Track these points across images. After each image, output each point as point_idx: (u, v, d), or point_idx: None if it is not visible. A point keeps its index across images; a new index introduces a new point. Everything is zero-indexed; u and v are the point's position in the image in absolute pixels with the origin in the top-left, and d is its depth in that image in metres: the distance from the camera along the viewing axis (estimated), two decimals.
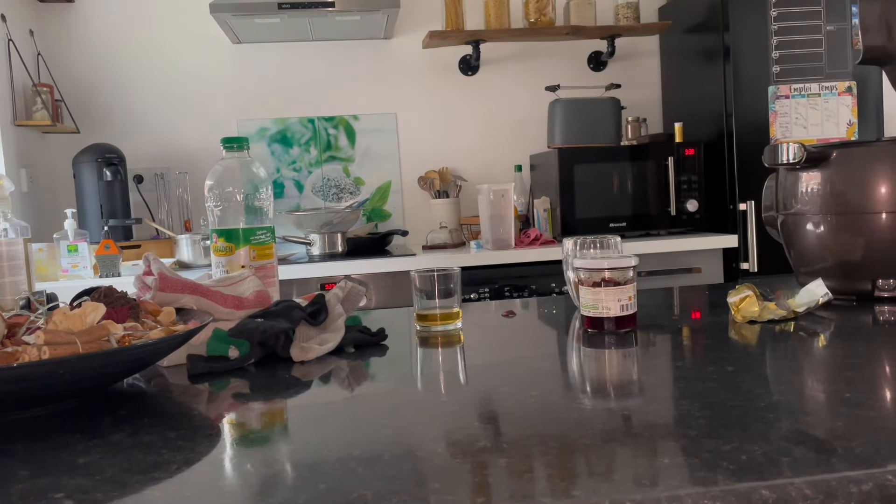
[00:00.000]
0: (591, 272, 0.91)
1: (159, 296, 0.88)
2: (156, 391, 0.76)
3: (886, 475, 0.45)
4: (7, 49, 2.57)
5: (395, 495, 0.45)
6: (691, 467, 0.47)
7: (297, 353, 0.86)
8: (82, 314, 0.71)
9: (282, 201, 2.99)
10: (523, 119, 3.16)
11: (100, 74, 2.92)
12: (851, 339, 0.83)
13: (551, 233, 2.69)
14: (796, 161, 1.07)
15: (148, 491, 0.48)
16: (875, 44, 1.13)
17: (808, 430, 0.53)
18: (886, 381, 0.65)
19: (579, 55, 3.19)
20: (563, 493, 0.44)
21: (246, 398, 0.72)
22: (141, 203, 2.91)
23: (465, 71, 3.12)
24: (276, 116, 3.02)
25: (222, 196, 1.08)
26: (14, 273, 1.33)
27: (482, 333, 0.99)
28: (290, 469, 0.51)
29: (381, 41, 3.07)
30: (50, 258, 2.34)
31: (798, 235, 1.12)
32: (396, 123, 3.09)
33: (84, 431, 0.62)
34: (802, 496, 0.44)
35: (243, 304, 0.93)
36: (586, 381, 0.71)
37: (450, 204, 2.89)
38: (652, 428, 0.55)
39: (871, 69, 2.65)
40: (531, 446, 0.53)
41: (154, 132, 2.96)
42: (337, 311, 0.95)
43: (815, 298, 0.98)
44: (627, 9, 2.98)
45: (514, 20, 3.03)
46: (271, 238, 1.11)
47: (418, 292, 0.99)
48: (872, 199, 1.02)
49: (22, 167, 2.63)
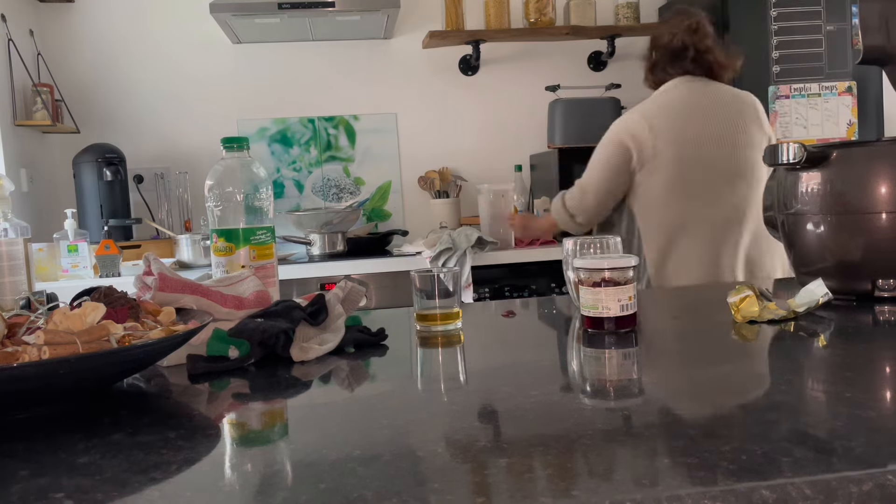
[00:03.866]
0: (591, 272, 0.91)
1: (159, 296, 0.88)
2: (156, 391, 0.76)
3: (886, 475, 0.45)
4: (7, 49, 2.57)
5: (395, 495, 0.45)
6: (691, 467, 0.47)
7: (297, 353, 0.86)
8: (82, 314, 0.71)
9: (282, 201, 2.99)
10: (523, 119, 3.15)
11: (100, 74, 2.92)
12: (851, 339, 0.83)
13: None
14: (796, 161, 1.07)
15: (148, 491, 0.48)
16: (875, 44, 1.13)
17: (808, 430, 0.53)
18: (886, 381, 0.65)
19: (579, 55, 3.19)
20: (563, 493, 0.44)
21: (246, 398, 0.72)
22: (141, 203, 2.91)
23: (465, 71, 3.12)
24: (276, 116, 3.02)
25: (222, 196, 1.08)
26: (14, 273, 1.33)
27: (482, 333, 0.99)
28: (290, 469, 0.51)
29: (381, 41, 3.07)
30: (50, 258, 2.34)
31: (798, 235, 1.12)
32: (396, 123, 3.09)
33: (84, 431, 0.62)
34: (802, 496, 0.44)
35: (243, 304, 0.93)
36: (586, 381, 0.71)
37: (450, 204, 2.89)
38: (652, 428, 0.55)
39: (871, 69, 2.65)
40: (531, 446, 0.53)
41: (154, 132, 2.96)
42: (337, 311, 0.95)
43: (815, 298, 0.98)
44: (627, 9, 2.98)
45: (514, 20, 3.03)
46: (271, 238, 1.11)
47: (418, 292, 0.99)
48: (872, 199, 1.02)
49: (22, 167, 2.63)
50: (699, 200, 1.86)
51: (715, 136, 1.86)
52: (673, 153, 1.85)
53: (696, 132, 1.86)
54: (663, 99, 1.92)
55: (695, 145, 1.85)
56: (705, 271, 1.86)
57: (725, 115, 1.88)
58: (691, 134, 1.86)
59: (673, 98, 1.91)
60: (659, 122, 1.86)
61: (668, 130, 1.86)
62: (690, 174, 1.85)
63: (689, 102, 1.89)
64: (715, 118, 1.88)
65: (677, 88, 1.92)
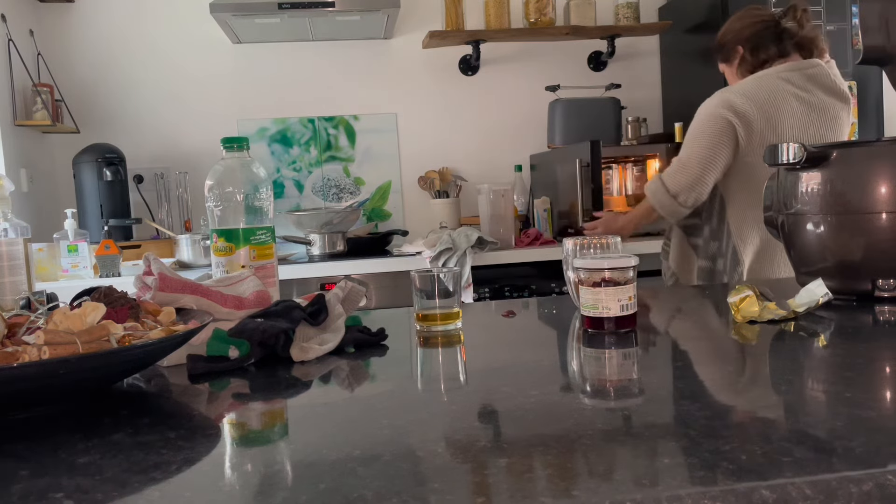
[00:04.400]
0: (591, 272, 0.91)
1: (159, 296, 0.88)
2: (156, 391, 0.76)
3: (886, 475, 0.45)
4: (7, 49, 2.57)
5: (395, 495, 0.45)
6: (691, 467, 0.47)
7: (297, 353, 0.86)
8: (82, 314, 0.71)
9: (282, 201, 2.99)
10: (523, 119, 3.15)
11: (100, 74, 2.92)
12: (851, 339, 0.83)
13: (551, 233, 2.69)
14: (796, 161, 1.07)
15: (148, 491, 0.48)
16: (875, 44, 1.13)
17: (808, 430, 0.53)
18: (886, 381, 0.65)
19: (579, 55, 3.19)
20: (563, 493, 0.44)
21: (246, 398, 0.72)
22: (141, 203, 2.91)
23: (465, 71, 3.12)
24: (276, 116, 3.02)
25: (222, 196, 1.08)
26: (14, 273, 1.33)
27: (482, 333, 0.99)
28: (290, 469, 0.51)
29: (381, 41, 3.07)
30: (50, 258, 2.34)
31: (798, 235, 1.12)
32: (396, 123, 3.09)
33: (84, 431, 0.62)
34: (802, 496, 0.44)
35: (243, 304, 0.93)
36: (586, 381, 0.71)
37: (450, 204, 2.89)
38: (652, 428, 0.55)
39: (871, 69, 2.65)
40: (531, 446, 0.53)
41: (154, 132, 2.96)
42: (337, 311, 0.95)
43: (815, 298, 0.98)
44: (627, 9, 2.98)
45: (514, 20, 3.03)
46: (271, 238, 1.11)
47: (418, 292, 0.99)
48: (872, 199, 1.02)
49: (22, 167, 2.63)
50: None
51: (814, 130, 1.80)
52: (775, 139, 1.79)
53: (797, 122, 1.79)
54: (766, 83, 1.82)
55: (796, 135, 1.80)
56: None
57: (827, 106, 1.82)
58: (793, 123, 1.79)
59: (776, 84, 1.81)
60: (762, 107, 1.79)
61: (774, 116, 1.78)
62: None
63: (792, 91, 1.80)
64: (818, 110, 1.81)
65: (781, 74, 1.83)
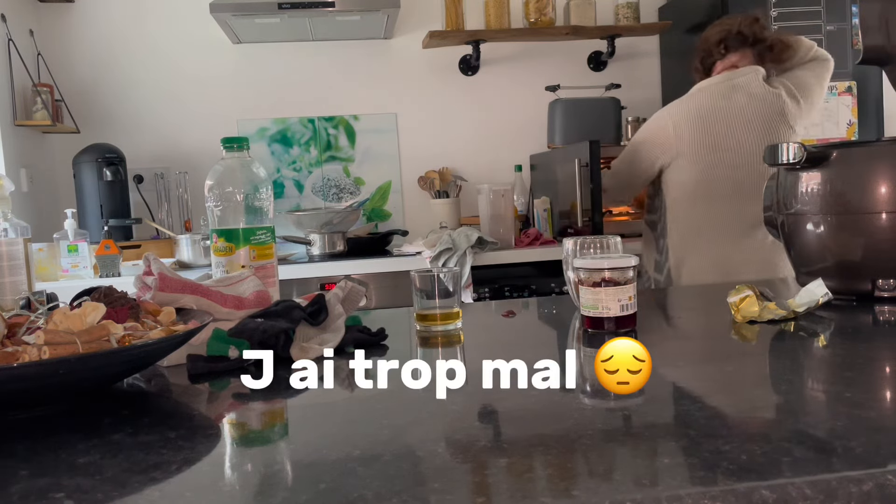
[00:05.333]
0: (591, 272, 0.91)
1: (159, 296, 0.88)
2: (156, 391, 0.76)
3: (886, 475, 0.45)
4: (7, 49, 2.57)
5: (395, 495, 0.45)
6: (691, 467, 0.47)
7: (297, 353, 0.86)
8: (82, 314, 0.71)
9: (282, 201, 2.99)
10: (523, 119, 3.15)
11: (100, 74, 2.92)
12: (851, 339, 0.83)
13: (551, 233, 2.69)
14: (796, 161, 1.07)
15: (148, 491, 0.48)
16: (875, 44, 1.13)
17: (808, 430, 0.53)
18: (886, 381, 0.65)
19: (579, 55, 3.19)
20: (563, 493, 0.44)
21: (246, 398, 0.72)
22: (141, 203, 2.91)
23: (465, 71, 3.12)
24: (276, 116, 3.02)
25: (222, 196, 1.08)
26: (14, 273, 1.33)
27: (482, 333, 0.99)
28: (289, 469, 0.51)
29: (381, 41, 3.07)
30: (50, 258, 2.34)
31: (798, 235, 1.11)
32: (396, 123, 3.09)
33: (84, 431, 0.62)
34: (802, 496, 0.44)
35: (243, 304, 0.93)
36: (586, 381, 0.71)
37: (450, 204, 2.89)
38: (652, 428, 0.55)
39: (871, 69, 2.65)
40: (531, 446, 0.53)
41: (154, 132, 2.96)
42: (337, 311, 0.95)
43: (815, 298, 0.98)
44: (627, 9, 2.98)
45: (514, 20, 3.03)
46: (271, 238, 1.11)
47: (418, 292, 0.99)
48: (872, 199, 1.02)
49: (22, 167, 2.63)
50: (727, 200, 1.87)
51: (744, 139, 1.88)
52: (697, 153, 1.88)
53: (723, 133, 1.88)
54: (697, 98, 1.92)
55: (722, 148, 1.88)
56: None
57: (746, 111, 1.89)
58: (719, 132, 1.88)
59: (703, 99, 1.91)
60: (689, 123, 1.89)
61: (697, 131, 1.88)
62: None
63: (719, 104, 1.89)
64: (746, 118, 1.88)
65: (711, 87, 1.92)
